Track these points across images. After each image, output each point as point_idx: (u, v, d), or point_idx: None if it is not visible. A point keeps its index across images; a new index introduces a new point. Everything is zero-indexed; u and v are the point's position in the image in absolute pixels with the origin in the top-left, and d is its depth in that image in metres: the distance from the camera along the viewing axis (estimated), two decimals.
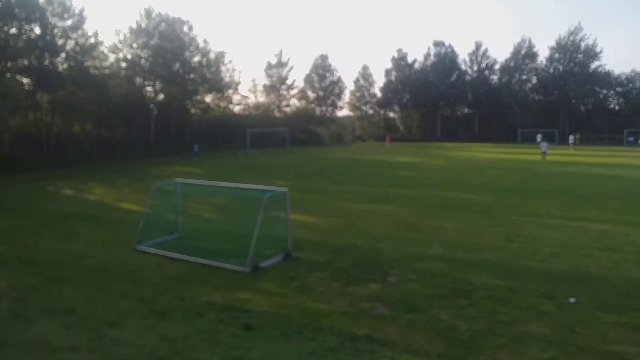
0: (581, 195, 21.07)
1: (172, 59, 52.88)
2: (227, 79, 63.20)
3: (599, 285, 9.53)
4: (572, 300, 8.63)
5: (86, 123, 45.35)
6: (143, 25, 51.54)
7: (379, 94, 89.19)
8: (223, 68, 62.36)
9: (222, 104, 65.52)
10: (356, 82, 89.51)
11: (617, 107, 79.31)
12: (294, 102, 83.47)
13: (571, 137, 56.58)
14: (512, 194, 21.38)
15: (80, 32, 41.48)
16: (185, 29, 55.92)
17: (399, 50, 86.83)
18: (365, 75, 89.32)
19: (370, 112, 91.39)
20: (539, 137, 64.99)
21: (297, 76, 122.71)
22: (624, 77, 76.98)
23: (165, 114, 54.70)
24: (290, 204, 12.05)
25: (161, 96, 55.40)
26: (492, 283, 9.66)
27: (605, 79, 76.43)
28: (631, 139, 65.50)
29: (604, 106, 78.83)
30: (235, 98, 68.56)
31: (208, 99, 62.45)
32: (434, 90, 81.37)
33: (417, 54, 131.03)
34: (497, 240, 13.20)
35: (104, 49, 47.75)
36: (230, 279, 10.14)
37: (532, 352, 6.79)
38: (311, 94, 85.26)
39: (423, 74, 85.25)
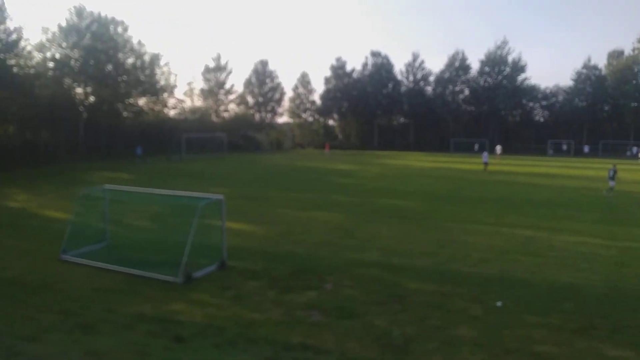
0: (509, 202, 22.18)
1: (105, 60, 50.69)
2: (162, 82, 61.49)
3: (525, 289, 10.02)
4: (499, 303, 9.02)
5: (8, 125, 42.43)
6: (73, 24, 49.11)
7: (318, 101, 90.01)
8: (158, 71, 60.63)
9: (157, 107, 63.59)
10: (295, 89, 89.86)
11: (542, 119, 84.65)
12: (233, 107, 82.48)
13: (498, 147, 59.55)
14: (445, 201, 22.16)
15: (1, 27, 38.84)
16: (120, 29, 53.87)
17: (338, 59, 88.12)
18: (304, 82, 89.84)
19: (310, 119, 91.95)
20: (476, 146, 68.29)
21: (236, 81, 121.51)
22: (548, 91, 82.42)
23: (95, 117, 52.26)
24: (226, 211, 11.81)
25: (92, 98, 52.93)
26: (425, 288, 9.92)
27: (532, 92, 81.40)
28: (563, 147, 70.18)
29: (530, 118, 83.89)
30: (171, 102, 66.84)
31: (142, 102, 60.38)
32: (372, 100, 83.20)
33: (356, 63, 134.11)
34: (430, 246, 13.60)
35: (29, 46, 45.00)
36: (162, 290, 9.76)
37: (462, 356, 7.00)
38: (250, 100, 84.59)
39: (361, 83, 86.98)
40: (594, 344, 7.42)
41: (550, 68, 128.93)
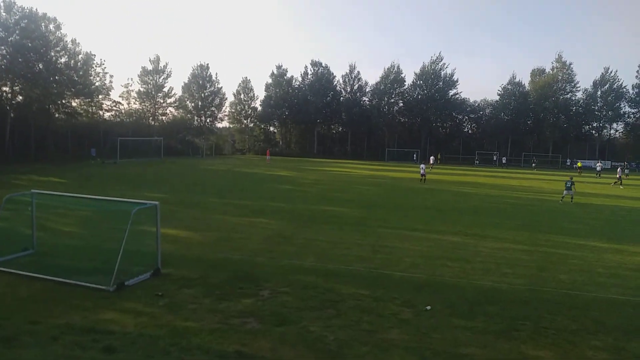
0: (438, 210, 23.18)
1: (35, 59, 47.94)
2: (97, 83, 58.95)
3: (452, 293, 10.54)
4: (428, 307, 9.45)
5: None
6: (1, 20, 46.08)
7: (259, 107, 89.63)
8: (93, 71, 58.07)
9: (91, 109, 60.84)
10: (236, 94, 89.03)
11: (470, 131, 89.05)
12: (171, 110, 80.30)
13: (432, 158, 61.93)
14: (379, 208, 22.81)
15: None
16: (52, 27, 51.14)
17: (279, 67, 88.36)
18: (246, 88, 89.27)
19: (251, 125, 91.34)
20: (415, 156, 70.80)
21: (176, 84, 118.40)
22: (476, 104, 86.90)
23: (24, 117, 49.17)
24: (162, 217, 11.56)
25: (20, 98, 49.81)
26: (358, 293, 10.20)
27: (461, 106, 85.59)
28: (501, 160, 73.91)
29: (459, 130, 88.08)
30: (106, 103, 64.17)
31: (75, 103, 57.56)
32: (312, 108, 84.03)
33: (296, 71, 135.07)
34: (365, 252, 13.99)
35: None
36: (92, 299, 9.40)
37: (393, 359, 7.29)
38: (190, 104, 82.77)
39: (302, 92, 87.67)
40: (516, 345, 7.93)
41: (478, 83, 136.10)
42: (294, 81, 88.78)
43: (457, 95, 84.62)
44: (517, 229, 18.70)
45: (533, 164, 71.18)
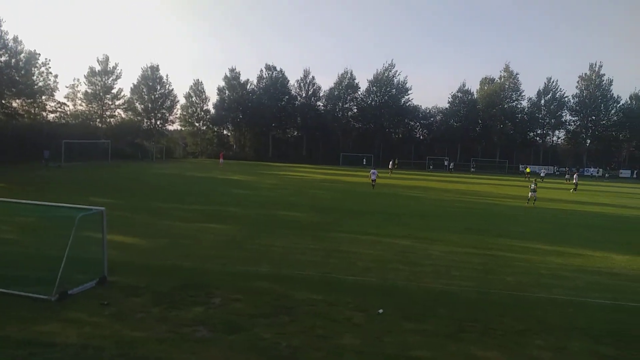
0: (390, 214, 23.53)
1: None
2: (40, 83, 56.34)
3: (403, 296, 10.69)
4: (380, 311, 9.53)
5: None
6: None
7: (212, 110, 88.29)
8: (36, 71, 55.46)
9: (34, 110, 58.06)
10: (188, 97, 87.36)
11: (421, 137, 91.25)
12: (120, 112, 77.82)
13: (390, 163, 62.69)
14: (333, 212, 22.92)
15: None
16: None
17: (232, 70, 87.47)
18: (198, 91, 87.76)
19: (204, 128, 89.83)
20: (364, 161, 71.63)
21: (125, 85, 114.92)
22: (427, 111, 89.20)
23: None
24: (109, 223, 11.12)
25: None
26: (312, 298, 10.16)
27: (413, 112, 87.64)
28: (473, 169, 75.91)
29: (411, 135, 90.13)
30: (50, 104, 61.42)
31: (16, 104, 54.78)
32: (267, 112, 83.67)
33: (250, 74, 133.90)
34: (318, 256, 13.98)
35: None
36: (32, 310, 8.90)
37: None
38: (139, 106, 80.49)
39: (256, 95, 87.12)
40: (464, 346, 8.11)
41: (429, 90, 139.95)
42: (248, 85, 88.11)
43: (409, 102, 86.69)
44: (465, 232, 19.22)
45: (472, 169, 73.95)
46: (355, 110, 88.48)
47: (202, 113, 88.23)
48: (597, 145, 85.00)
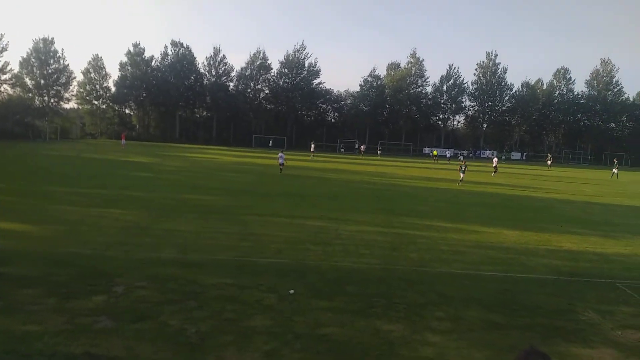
0: (302, 195, 23.73)
1: None
2: None
3: (314, 276, 10.83)
4: (291, 291, 9.58)
5: None
6: None
7: (113, 88, 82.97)
8: None
9: None
10: (86, 73, 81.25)
11: (333, 120, 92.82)
12: (6, 88, 70.55)
13: (312, 145, 62.13)
14: (245, 195, 22.64)
15: None
16: None
17: (136, 45, 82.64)
18: (97, 67, 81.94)
19: (103, 107, 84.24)
20: (270, 142, 71.00)
21: (12, 59, 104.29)
22: (338, 94, 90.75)
23: None
24: None
25: None
26: (222, 282, 9.96)
27: (325, 95, 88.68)
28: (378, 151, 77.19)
29: (323, 118, 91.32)
30: None
31: None
32: (173, 91, 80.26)
33: (155, 50, 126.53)
34: (230, 240, 13.74)
35: None
36: None
37: (256, 346, 7.24)
38: (30, 82, 73.49)
39: (161, 72, 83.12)
40: (371, 321, 8.40)
41: (341, 74, 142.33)
42: (153, 61, 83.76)
43: (321, 85, 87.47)
44: (374, 212, 19.89)
45: (379, 151, 75.15)
46: (268, 92, 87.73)
47: (102, 91, 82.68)
48: (493, 129, 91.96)
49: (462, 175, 33.90)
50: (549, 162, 64.03)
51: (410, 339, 7.79)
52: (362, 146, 75.34)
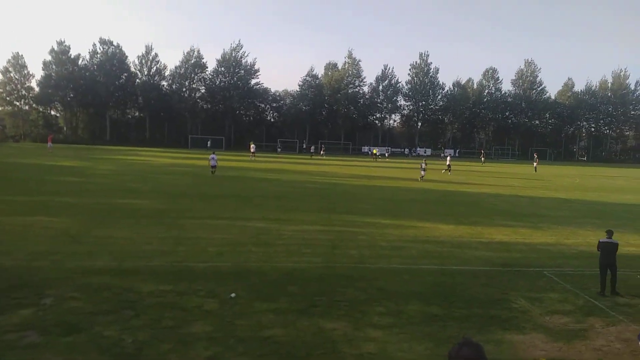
0: (244, 197, 23.43)
1: None
2: None
3: (256, 278, 10.72)
4: (233, 295, 9.43)
5: None
6: None
7: (36, 88, 78.13)
8: None
9: None
10: (5, 72, 76.02)
11: (272, 120, 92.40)
12: None
13: (252, 146, 60.11)
14: (182, 198, 22.03)
15: None
16: None
17: (60, 43, 78.22)
18: (18, 65, 76.89)
19: (26, 108, 79.13)
20: (208, 143, 69.22)
21: None
22: (277, 94, 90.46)
23: None
24: None
25: None
26: (159, 289, 9.64)
27: (263, 95, 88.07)
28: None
29: (262, 118, 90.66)
30: None
31: None
32: (102, 91, 76.80)
33: (82, 49, 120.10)
34: (167, 245, 13.31)
35: None
36: None
37: (197, 352, 7.07)
38: None
39: (89, 72, 79.30)
40: (314, 320, 8.44)
41: (279, 74, 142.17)
42: (80, 60, 79.68)
43: (259, 85, 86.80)
44: (315, 211, 19.98)
45: (278, 149, 74.45)
46: (204, 91, 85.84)
47: (24, 91, 77.62)
48: (427, 127, 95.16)
49: (423, 172, 36.37)
50: (482, 159, 67.12)
51: (353, 335, 7.89)
52: (312, 147, 73.06)
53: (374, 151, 70.54)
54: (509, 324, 8.67)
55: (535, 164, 53.86)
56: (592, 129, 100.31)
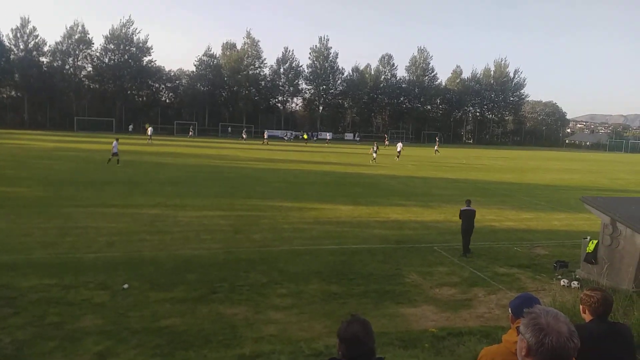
0: (137, 183, 22.19)
1: None
2: None
3: (151, 267, 10.22)
4: (125, 286, 8.90)
5: None
6: None
7: None
8: None
9: None
10: None
11: (167, 100, 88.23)
12: None
13: (150, 129, 55.58)
14: (67, 185, 20.34)
15: None
16: None
17: None
18: None
19: None
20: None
21: None
22: (172, 74, 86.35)
23: None
24: None
25: None
26: (42, 284, 8.83)
27: (157, 74, 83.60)
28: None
29: (156, 99, 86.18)
30: None
31: None
32: None
33: None
34: (49, 236, 12.24)
35: None
36: None
37: (86, 347, 6.59)
38: None
39: None
40: (214, 307, 8.24)
41: (176, 52, 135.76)
42: None
43: (152, 63, 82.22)
44: (215, 196, 19.50)
45: (190, 133, 69.43)
46: (90, 69, 79.51)
47: None
48: (328, 111, 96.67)
49: (374, 155, 39.01)
50: (386, 142, 69.20)
51: (254, 319, 7.84)
52: (244, 131, 68.98)
53: (305, 136, 72.39)
54: (402, 298, 9.15)
55: (436, 147, 57.35)
56: (478, 114, 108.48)
